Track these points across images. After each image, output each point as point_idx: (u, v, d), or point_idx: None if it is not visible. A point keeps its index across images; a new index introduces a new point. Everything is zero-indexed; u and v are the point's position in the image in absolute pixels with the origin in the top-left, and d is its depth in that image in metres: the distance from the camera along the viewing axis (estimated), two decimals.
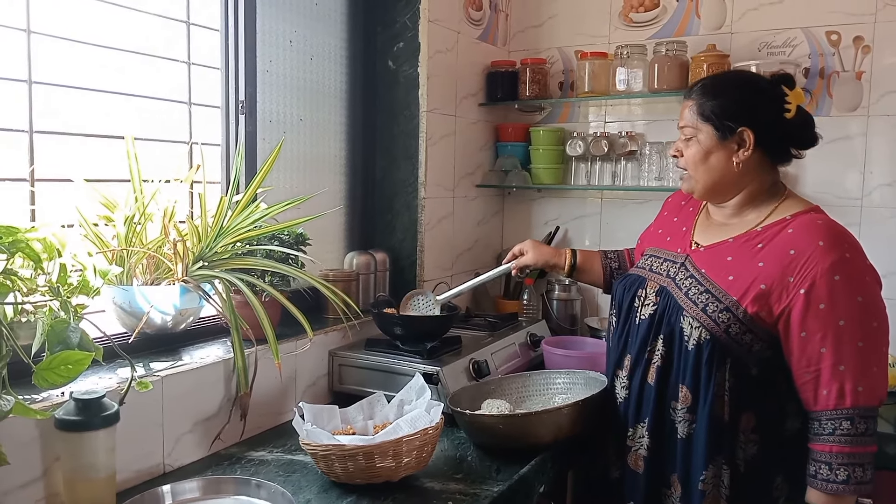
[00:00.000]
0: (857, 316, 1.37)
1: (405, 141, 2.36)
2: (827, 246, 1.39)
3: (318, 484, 1.45)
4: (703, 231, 1.62)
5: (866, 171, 2.33)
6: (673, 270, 1.59)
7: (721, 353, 1.46)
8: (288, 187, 2.10)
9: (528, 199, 2.88)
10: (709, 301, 1.47)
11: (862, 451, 1.37)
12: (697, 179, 1.55)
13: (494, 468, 1.54)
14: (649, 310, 1.58)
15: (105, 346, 1.38)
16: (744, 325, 1.44)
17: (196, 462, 1.55)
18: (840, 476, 1.37)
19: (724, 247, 1.53)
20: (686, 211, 1.72)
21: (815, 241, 1.40)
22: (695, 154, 1.53)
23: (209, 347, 1.72)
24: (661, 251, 1.68)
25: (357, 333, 2.00)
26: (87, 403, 1.24)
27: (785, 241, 1.44)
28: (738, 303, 1.44)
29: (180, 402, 1.52)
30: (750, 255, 1.47)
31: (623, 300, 1.66)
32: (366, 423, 1.65)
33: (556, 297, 2.68)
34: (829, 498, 1.39)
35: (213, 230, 1.64)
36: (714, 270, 1.50)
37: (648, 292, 1.60)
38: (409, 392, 1.66)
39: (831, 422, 1.38)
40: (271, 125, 2.03)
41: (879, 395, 1.39)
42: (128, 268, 1.59)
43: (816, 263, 1.38)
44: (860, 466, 1.37)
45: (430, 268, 2.43)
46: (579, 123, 2.77)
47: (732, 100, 1.50)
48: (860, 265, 1.42)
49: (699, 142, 1.52)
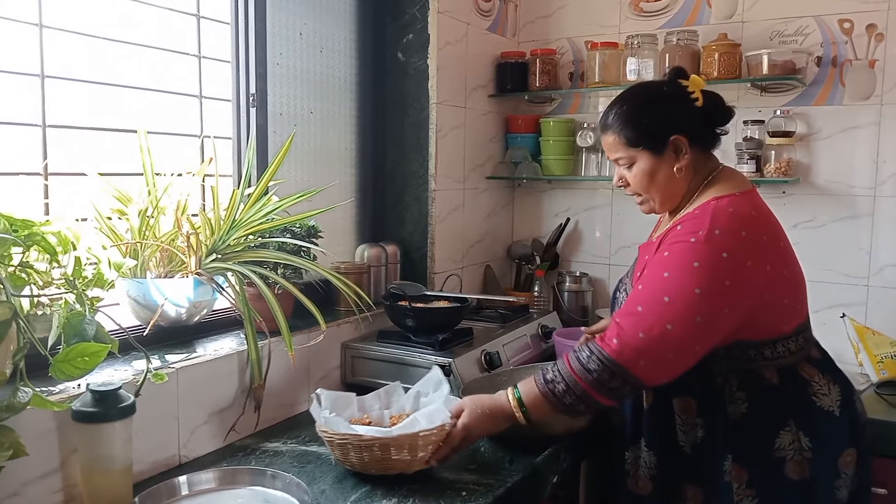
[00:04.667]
0: (652, 287, 1.40)
1: (415, 133, 2.36)
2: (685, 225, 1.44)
3: (333, 474, 1.45)
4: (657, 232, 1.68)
5: (879, 160, 2.31)
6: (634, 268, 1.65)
7: None
8: (299, 180, 2.10)
9: (539, 191, 2.88)
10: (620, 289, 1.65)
11: (585, 389, 1.38)
12: (653, 198, 1.56)
13: (508, 459, 1.54)
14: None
15: (120, 338, 1.39)
16: None
17: (211, 453, 1.56)
18: (548, 374, 1.44)
19: (650, 245, 1.57)
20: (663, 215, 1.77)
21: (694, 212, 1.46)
22: (641, 178, 1.54)
23: (223, 339, 1.73)
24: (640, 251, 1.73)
25: (369, 325, 2.01)
26: (103, 395, 1.25)
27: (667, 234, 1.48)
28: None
29: (195, 393, 1.53)
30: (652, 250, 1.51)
31: (613, 300, 1.74)
32: (382, 413, 1.64)
33: (566, 289, 2.68)
34: (529, 383, 1.46)
35: (225, 223, 1.64)
36: (637, 265, 1.59)
37: (621, 292, 1.67)
38: (427, 384, 1.66)
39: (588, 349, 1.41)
40: (282, 118, 2.03)
41: (637, 361, 1.36)
42: (142, 261, 1.60)
43: (671, 238, 1.44)
44: (565, 385, 1.40)
45: (441, 260, 2.43)
46: (590, 114, 2.76)
47: (650, 118, 1.51)
48: (701, 249, 1.38)
49: (640, 167, 1.53)
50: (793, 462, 1.45)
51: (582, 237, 2.82)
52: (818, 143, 2.39)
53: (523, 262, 2.78)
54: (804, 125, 2.39)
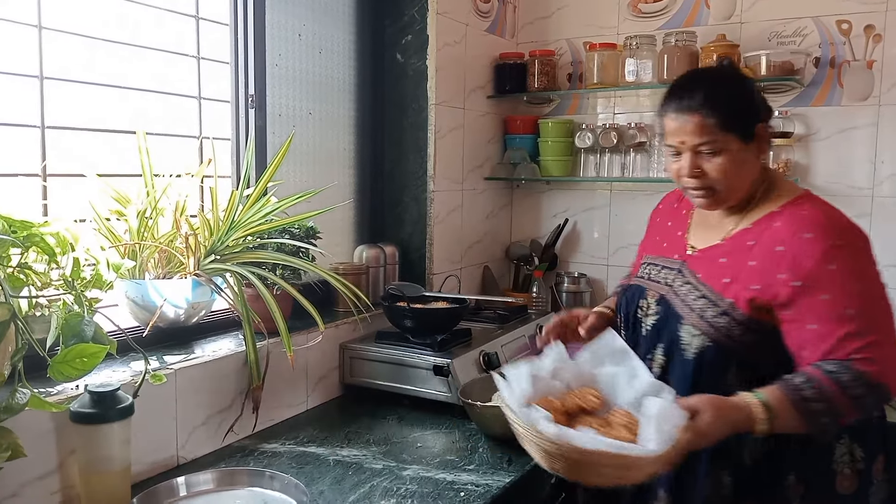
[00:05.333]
0: (861, 300, 1.32)
1: (414, 134, 2.36)
2: (816, 236, 1.34)
3: (332, 475, 1.45)
4: (697, 232, 1.56)
5: (877, 160, 2.31)
6: (671, 277, 1.52)
7: (724, 359, 1.40)
8: (298, 181, 2.10)
9: (537, 192, 2.88)
10: (706, 307, 1.41)
11: (844, 411, 1.27)
12: (731, 191, 1.43)
13: (506, 459, 1.54)
14: (652, 320, 1.51)
15: (119, 339, 1.39)
16: (743, 327, 1.38)
17: (209, 454, 1.56)
18: (806, 392, 1.27)
19: (717, 249, 1.47)
20: (679, 214, 1.65)
21: (801, 234, 1.35)
22: (727, 167, 1.40)
23: (221, 340, 1.73)
24: (659, 258, 1.61)
25: (367, 326, 2.01)
26: (101, 396, 1.25)
27: (773, 236, 1.39)
28: (733, 305, 1.38)
29: (193, 394, 1.53)
30: (742, 254, 1.42)
31: (629, 312, 1.59)
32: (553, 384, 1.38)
33: (565, 290, 2.69)
34: (778, 395, 1.28)
35: (224, 224, 1.64)
36: (709, 274, 1.45)
37: (650, 301, 1.53)
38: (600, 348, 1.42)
39: (833, 364, 1.29)
40: (281, 119, 2.03)
41: (894, 376, 1.29)
42: (140, 262, 1.60)
43: (806, 255, 1.33)
44: (826, 406, 1.27)
45: (440, 261, 2.43)
46: (588, 115, 2.76)
47: (742, 102, 1.42)
48: (853, 248, 1.36)
49: (728, 155, 1.39)
50: (842, 476, 1.40)
51: (580, 238, 2.82)
52: (816, 144, 2.39)
53: (522, 262, 2.79)
54: (802, 126, 2.39)
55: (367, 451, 1.58)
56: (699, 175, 1.41)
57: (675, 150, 1.43)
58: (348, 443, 1.63)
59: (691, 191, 1.44)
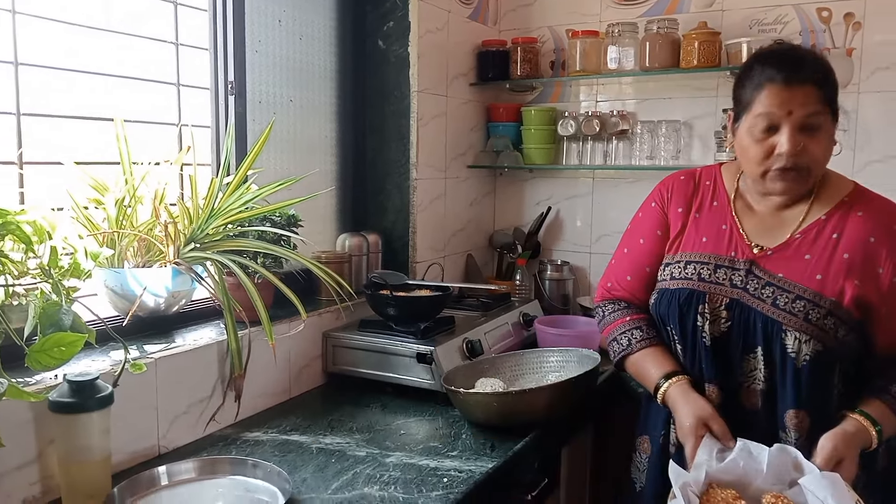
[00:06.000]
0: None
1: (396, 121, 2.35)
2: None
3: (314, 463, 1.45)
4: (755, 228, 1.45)
5: (857, 147, 2.33)
6: (738, 278, 1.41)
7: (831, 362, 1.35)
8: (278, 169, 2.09)
9: (520, 180, 2.88)
10: (809, 309, 1.33)
11: None
12: (816, 175, 1.38)
13: (489, 445, 1.55)
14: (720, 327, 1.41)
15: (98, 329, 1.38)
16: (847, 326, 1.33)
17: (191, 443, 1.55)
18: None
19: (794, 245, 1.39)
20: (709, 206, 1.52)
21: (889, 225, 1.36)
22: (825, 146, 1.35)
23: (202, 329, 1.72)
24: (707, 256, 1.46)
25: (350, 315, 2.01)
26: (80, 385, 1.24)
27: (859, 227, 1.36)
28: (837, 303, 1.32)
29: (174, 383, 1.52)
30: (828, 248, 1.36)
31: (683, 320, 1.44)
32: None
33: (548, 277, 2.69)
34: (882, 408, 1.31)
35: (203, 212, 1.63)
36: (796, 273, 1.36)
37: (716, 307, 1.41)
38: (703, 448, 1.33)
39: None
40: (261, 106, 2.01)
41: None
42: (119, 251, 1.58)
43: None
44: None
45: (423, 249, 2.43)
46: (571, 103, 2.76)
47: (836, 80, 1.37)
48: None
49: (827, 132, 1.34)
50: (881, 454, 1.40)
51: (563, 226, 2.83)
52: None
53: (505, 250, 2.79)
54: None
55: (351, 439, 1.58)
56: (801, 153, 1.32)
57: (773, 123, 1.33)
58: (331, 430, 1.63)
59: (782, 172, 1.34)
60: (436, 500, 1.30)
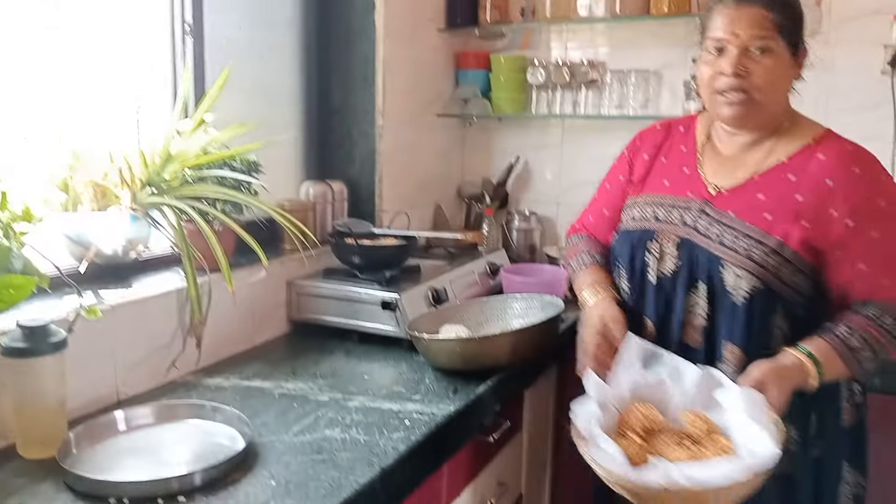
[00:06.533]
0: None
1: (362, 67, 2.30)
2: (863, 172, 1.33)
3: (277, 408, 1.45)
4: (715, 170, 1.46)
5: (827, 98, 2.33)
6: (691, 218, 1.42)
7: (772, 301, 1.34)
8: (239, 115, 2.02)
9: (490, 129, 2.85)
10: (752, 246, 1.34)
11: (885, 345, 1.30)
12: (766, 104, 1.36)
13: (452, 389, 1.56)
14: (669, 265, 1.42)
15: (54, 276, 1.35)
16: (793, 266, 1.33)
17: (152, 390, 1.54)
18: (852, 342, 1.29)
19: (750, 186, 1.39)
20: (676, 150, 1.54)
21: (850, 169, 1.32)
22: (773, 72, 1.33)
23: (162, 276, 1.69)
24: (664, 197, 1.49)
25: (315, 263, 1.99)
26: (32, 330, 1.21)
27: (818, 170, 1.34)
28: (782, 243, 1.33)
29: (132, 330, 1.50)
30: (783, 189, 1.35)
31: (634, 259, 1.48)
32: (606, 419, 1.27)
33: (515, 228, 2.69)
34: (825, 348, 1.29)
35: (161, 156, 1.59)
36: (747, 211, 1.37)
37: (664, 246, 1.44)
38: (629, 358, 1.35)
39: (875, 307, 1.31)
40: (220, 49, 1.95)
41: None
42: (73, 196, 1.54)
43: (857, 191, 1.31)
44: (872, 353, 1.30)
45: (389, 199, 2.40)
46: (541, 51, 2.72)
47: (800, 11, 1.37)
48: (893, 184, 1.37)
49: (776, 58, 1.33)
50: (843, 409, 1.42)
51: (531, 177, 2.82)
52: None
53: (473, 201, 2.78)
54: None
55: (314, 384, 1.58)
56: (743, 74, 1.33)
57: (721, 45, 1.35)
58: (294, 376, 1.63)
59: (727, 95, 1.35)
60: (397, 442, 1.31)
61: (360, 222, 2.13)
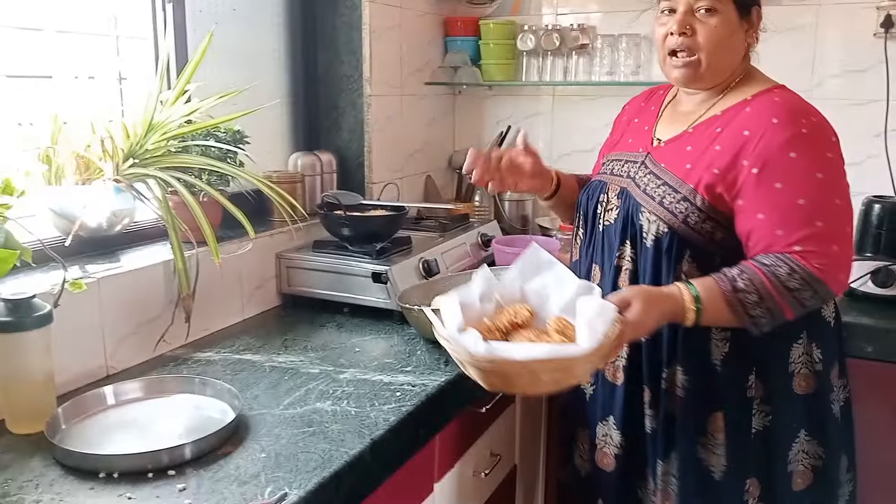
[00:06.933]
0: (817, 193, 1.29)
1: (347, 33, 2.25)
2: (782, 122, 1.31)
3: (267, 381, 1.44)
4: (665, 125, 1.53)
5: (816, 61, 2.31)
6: (633, 170, 1.49)
7: (679, 246, 1.37)
8: (224, 85, 1.98)
9: (480, 97, 2.81)
10: (665, 193, 1.39)
11: (779, 304, 1.28)
12: (708, 63, 1.39)
13: (443, 360, 1.55)
14: (612, 214, 1.49)
15: (37, 249, 1.32)
16: (702, 213, 1.35)
17: (141, 364, 1.52)
18: (738, 284, 1.28)
19: (683, 137, 1.44)
20: (647, 111, 1.62)
21: (769, 119, 1.32)
22: (718, 32, 1.37)
23: (148, 249, 1.67)
24: (623, 154, 1.57)
25: (304, 236, 1.97)
26: (17, 304, 1.19)
27: (741, 121, 1.36)
28: (694, 190, 1.36)
29: (120, 304, 1.48)
30: (708, 140, 1.39)
31: (587, 209, 1.57)
32: (484, 307, 1.35)
33: (507, 198, 2.67)
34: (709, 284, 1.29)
35: (142, 127, 1.55)
36: (672, 162, 1.42)
37: (610, 196, 1.51)
38: (525, 263, 1.39)
39: (772, 256, 1.29)
40: (201, 15, 1.90)
41: (837, 275, 1.30)
42: (55, 168, 1.51)
43: (770, 141, 1.31)
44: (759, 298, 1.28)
45: (379, 169, 2.37)
46: (531, 17, 2.68)
47: None
48: (820, 140, 1.33)
49: (722, 19, 1.37)
50: (800, 376, 1.42)
51: None
52: None
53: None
54: None
55: (305, 357, 1.57)
56: (688, 32, 1.38)
57: (671, 6, 1.40)
58: (285, 350, 1.62)
59: (674, 58, 1.41)
60: (388, 413, 1.30)
61: (349, 194, 2.10)
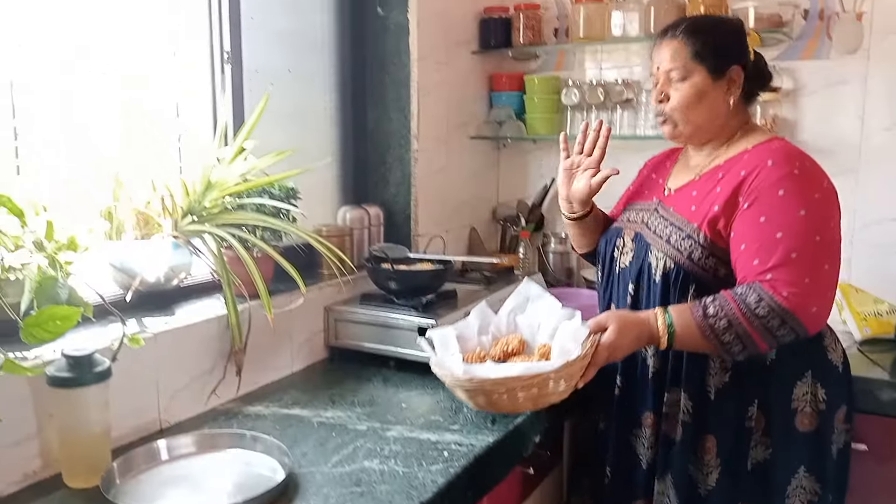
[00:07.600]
0: (797, 227, 1.35)
1: (396, 91, 2.31)
2: (776, 163, 1.40)
3: (315, 437, 1.45)
4: (676, 177, 1.65)
5: (865, 115, 2.29)
6: (646, 216, 1.62)
7: (685, 281, 1.47)
8: (277, 141, 2.03)
9: (524, 151, 2.84)
10: (672, 232, 1.51)
11: (749, 331, 1.34)
12: (687, 122, 1.52)
13: (490, 419, 1.54)
14: (628, 257, 1.61)
15: (97, 304, 1.37)
16: (705, 250, 1.45)
17: (192, 418, 1.55)
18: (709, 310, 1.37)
19: (690, 185, 1.56)
20: (663, 167, 1.74)
21: (766, 161, 1.41)
22: (688, 96, 1.50)
23: (203, 304, 1.70)
24: (638, 203, 1.70)
25: (352, 289, 1.99)
26: (78, 360, 1.23)
27: (740, 166, 1.46)
28: (697, 228, 1.47)
29: (174, 358, 1.51)
30: (711, 185, 1.50)
31: (605, 253, 1.70)
32: (482, 341, 1.57)
33: (552, 251, 2.67)
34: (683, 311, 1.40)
35: (201, 184, 1.61)
36: (680, 206, 1.54)
37: (626, 241, 1.63)
38: (519, 297, 1.61)
39: (745, 286, 1.37)
40: (258, 76, 1.97)
41: (807, 307, 1.33)
42: (117, 224, 1.57)
43: (763, 180, 1.40)
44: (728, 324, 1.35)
45: (425, 222, 2.40)
46: (575, 71, 2.71)
47: (723, 38, 1.52)
48: (811, 182, 1.40)
49: (693, 83, 1.50)
50: (803, 414, 1.49)
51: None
52: (804, 99, 2.36)
53: (509, 223, 2.76)
54: (790, 80, 2.36)
55: (352, 413, 1.58)
56: (663, 100, 1.54)
57: (654, 77, 1.56)
58: (332, 405, 1.62)
59: (658, 118, 1.57)
60: (436, 474, 1.29)
61: (395, 247, 2.12)
